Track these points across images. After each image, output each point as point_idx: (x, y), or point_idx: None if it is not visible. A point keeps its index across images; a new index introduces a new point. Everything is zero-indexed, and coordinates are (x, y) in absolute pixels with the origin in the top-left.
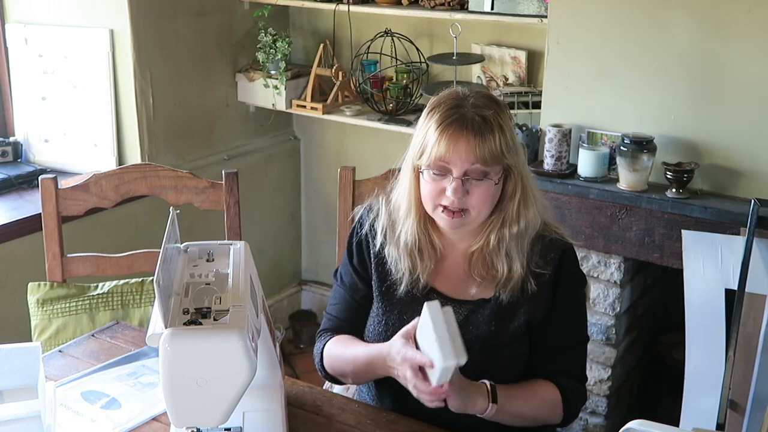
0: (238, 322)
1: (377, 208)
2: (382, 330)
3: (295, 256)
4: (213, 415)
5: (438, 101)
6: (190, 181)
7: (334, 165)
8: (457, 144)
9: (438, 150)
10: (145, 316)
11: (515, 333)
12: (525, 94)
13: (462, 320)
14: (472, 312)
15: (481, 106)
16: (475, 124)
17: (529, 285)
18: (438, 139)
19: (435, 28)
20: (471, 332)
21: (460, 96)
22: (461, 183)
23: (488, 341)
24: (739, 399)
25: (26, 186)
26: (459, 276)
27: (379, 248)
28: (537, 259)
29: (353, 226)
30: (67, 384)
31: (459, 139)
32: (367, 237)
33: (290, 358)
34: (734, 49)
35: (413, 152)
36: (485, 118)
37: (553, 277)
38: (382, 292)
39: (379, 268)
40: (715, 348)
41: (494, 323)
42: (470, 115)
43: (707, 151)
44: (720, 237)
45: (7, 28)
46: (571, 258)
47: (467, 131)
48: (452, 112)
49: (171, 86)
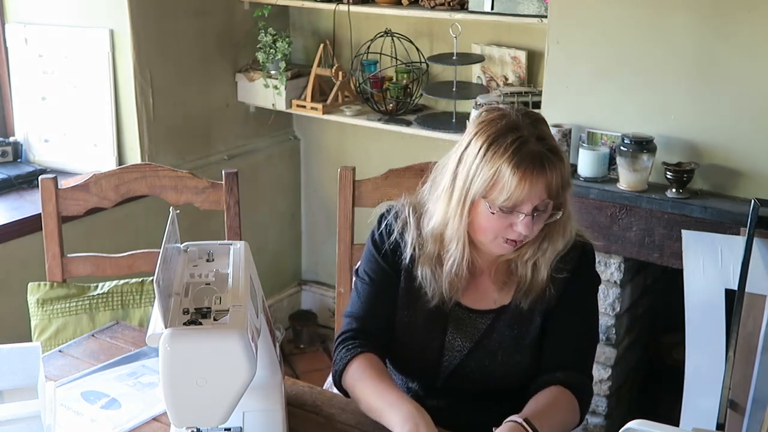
0: (238, 322)
1: (404, 216)
2: (408, 338)
3: (295, 256)
4: (213, 415)
5: (494, 133)
6: (190, 181)
7: (334, 165)
8: (536, 186)
9: (518, 194)
10: (145, 316)
11: (534, 335)
12: (525, 94)
13: (486, 329)
14: (495, 320)
15: (543, 135)
16: (547, 161)
17: (548, 290)
18: (518, 184)
19: (435, 28)
20: (495, 339)
21: (514, 127)
22: (532, 218)
23: (510, 347)
24: (739, 399)
25: (26, 186)
26: (483, 285)
27: (408, 261)
28: (558, 263)
29: (380, 229)
30: (67, 384)
31: (538, 182)
32: (397, 243)
33: (290, 358)
34: (734, 49)
35: (476, 187)
36: (553, 151)
37: (568, 276)
38: (409, 300)
39: (408, 277)
40: (715, 348)
41: (516, 328)
42: (540, 151)
43: (707, 151)
44: (720, 237)
45: (7, 28)
46: (589, 258)
47: (541, 172)
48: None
49: (171, 86)
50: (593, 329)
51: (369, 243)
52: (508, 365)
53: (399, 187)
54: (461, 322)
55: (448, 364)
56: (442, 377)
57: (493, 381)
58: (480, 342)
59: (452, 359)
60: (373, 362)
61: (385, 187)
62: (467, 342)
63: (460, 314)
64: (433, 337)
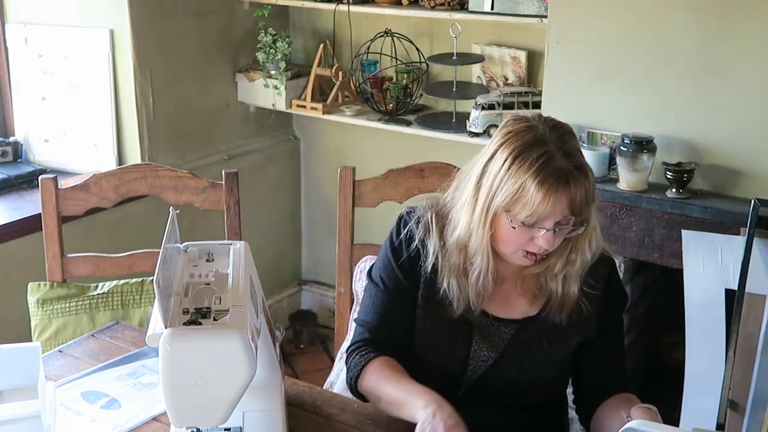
0: (238, 322)
1: (425, 222)
2: (430, 347)
3: (295, 256)
4: (213, 415)
5: (521, 146)
6: (190, 181)
7: (334, 165)
8: (559, 203)
9: (541, 211)
10: (145, 316)
11: (567, 351)
12: (525, 94)
13: (510, 339)
14: (520, 329)
15: (570, 150)
16: (573, 177)
17: (583, 305)
18: (542, 200)
19: (435, 28)
20: (521, 351)
21: (541, 140)
22: (554, 233)
23: (537, 359)
24: (739, 399)
25: (26, 186)
26: (509, 294)
27: (431, 270)
28: (587, 278)
29: (399, 235)
30: (67, 384)
31: (561, 198)
32: (418, 251)
33: (290, 358)
34: (734, 49)
35: (499, 200)
36: (579, 168)
37: (602, 294)
38: (430, 309)
39: (429, 286)
40: (715, 348)
41: (546, 341)
42: (566, 168)
43: (707, 151)
44: (720, 237)
45: (7, 28)
46: (616, 273)
47: (566, 189)
48: (546, 166)
49: (171, 86)
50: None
51: (387, 247)
52: (537, 378)
53: (399, 187)
54: (486, 330)
55: (473, 374)
56: (465, 387)
57: (518, 393)
58: (506, 352)
59: (477, 369)
60: (391, 363)
61: (385, 187)
62: (493, 352)
63: (485, 323)
64: (458, 347)
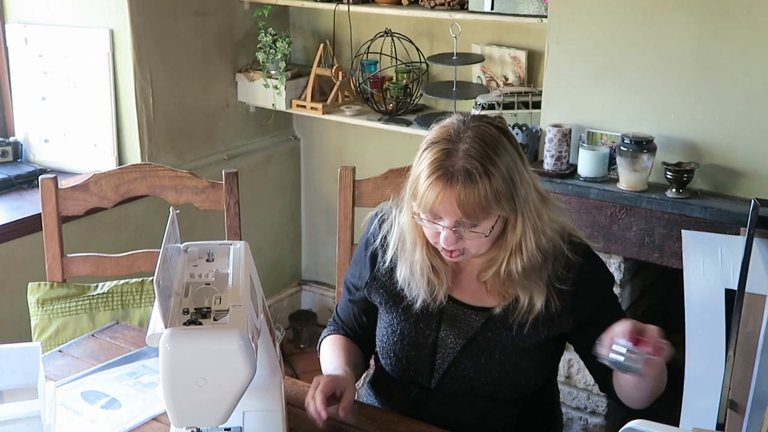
0: (238, 322)
1: (390, 220)
2: (398, 340)
3: (295, 256)
4: (213, 415)
5: (434, 138)
6: (190, 181)
7: (334, 165)
8: (443, 199)
9: (425, 200)
10: (145, 316)
11: (539, 341)
12: (525, 94)
13: (481, 326)
14: (490, 319)
15: (470, 152)
16: (461, 178)
17: (552, 302)
18: (426, 190)
19: (435, 28)
20: (490, 338)
21: (452, 137)
22: (453, 232)
23: (508, 347)
24: (739, 399)
25: (26, 186)
26: (475, 286)
27: (389, 262)
28: (559, 274)
29: (366, 235)
30: (67, 384)
31: (444, 194)
32: (377, 250)
33: (290, 358)
34: (734, 49)
35: (408, 189)
36: (470, 172)
37: (572, 289)
38: (395, 303)
39: (390, 280)
40: (715, 348)
41: (516, 329)
42: (458, 168)
43: (707, 151)
44: (720, 237)
45: (7, 28)
46: (591, 262)
47: (452, 186)
48: (441, 161)
49: (171, 86)
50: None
51: (357, 249)
52: (510, 366)
53: (399, 187)
54: (457, 319)
55: (442, 362)
56: (437, 378)
57: (490, 381)
58: (474, 339)
59: (446, 357)
60: (339, 340)
61: (385, 187)
62: (460, 339)
63: (456, 311)
64: (425, 336)
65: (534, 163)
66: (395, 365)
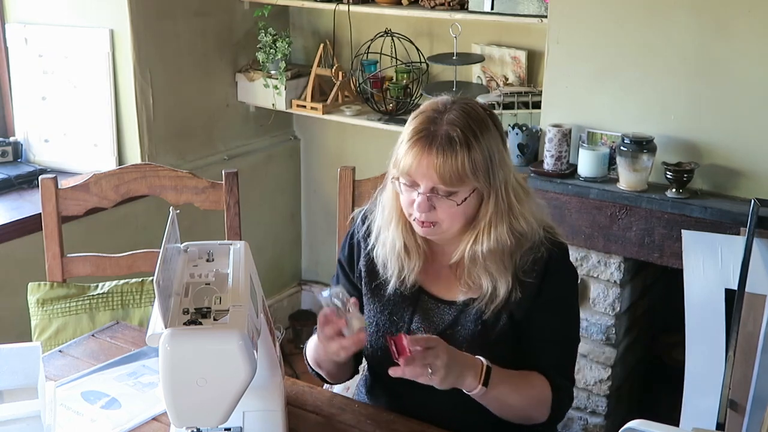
0: (238, 322)
1: (373, 211)
2: (373, 331)
3: (295, 256)
4: (213, 415)
5: (420, 110)
6: (190, 181)
7: (334, 165)
8: (421, 161)
9: (404, 163)
10: (145, 316)
11: (500, 332)
12: (525, 94)
13: (452, 321)
14: (461, 312)
15: (455, 122)
16: (441, 142)
17: (514, 293)
18: (406, 152)
19: (435, 28)
20: (459, 332)
21: (440, 108)
22: (427, 198)
23: (475, 340)
24: (739, 399)
25: (26, 186)
26: (447, 278)
27: (369, 248)
28: (525, 267)
29: (350, 230)
30: (67, 384)
31: (423, 156)
32: (360, 241)
33: (290, 358)
34: (734, 49)
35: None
36: (451, 138)
37: (537, 282)
38: (372, 291)
39: (369, 268)
40: (715, 348)
41: (480, 323)
42: (440, 133)
43: (707, 151)
44: (720, 237)
45: (7, 28)
46: (558, 259)
47: (431, 149)
48: (424, 126)
49: (171, 86)
50: (573, 330)
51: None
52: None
53: None
54: (428, 311)
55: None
56: None
57: None
58: (443, 333)
59: None
60: None
61: None
62: (430, 331)
63: (427, 303)
64: (398, 328)
65: (534, 163)
66: (372, 357)
